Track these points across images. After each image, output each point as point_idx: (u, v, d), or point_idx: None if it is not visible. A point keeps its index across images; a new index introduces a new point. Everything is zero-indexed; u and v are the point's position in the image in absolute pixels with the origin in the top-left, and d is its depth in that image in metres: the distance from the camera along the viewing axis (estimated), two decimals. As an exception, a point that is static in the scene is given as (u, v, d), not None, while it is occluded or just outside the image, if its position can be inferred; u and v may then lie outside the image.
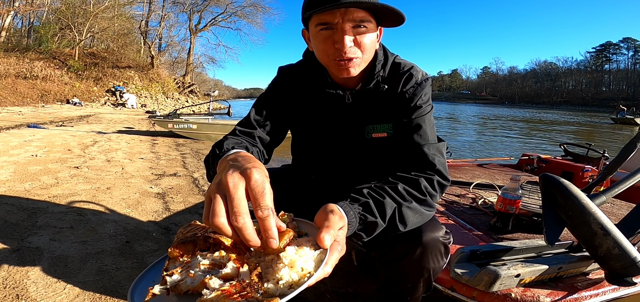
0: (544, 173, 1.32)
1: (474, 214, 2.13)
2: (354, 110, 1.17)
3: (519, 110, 61.97)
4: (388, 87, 1.13)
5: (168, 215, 2.79)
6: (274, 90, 1.25)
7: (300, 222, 0.83)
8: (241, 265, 0.64)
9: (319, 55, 1.05)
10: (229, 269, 0.63)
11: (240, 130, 1.14)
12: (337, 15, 0.94)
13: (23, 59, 20.38)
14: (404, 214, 0.91)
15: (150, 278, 0.73)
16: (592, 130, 20.54)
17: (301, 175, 1.34)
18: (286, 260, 0.64)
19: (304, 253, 0.67)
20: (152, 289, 0.62)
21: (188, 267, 0.66)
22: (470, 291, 1.31)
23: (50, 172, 3.95)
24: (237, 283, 0.59)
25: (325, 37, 0.98)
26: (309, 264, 0.65)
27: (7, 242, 2.08)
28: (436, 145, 1.08)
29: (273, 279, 0.62)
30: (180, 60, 37.44)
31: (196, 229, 0.78)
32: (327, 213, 0.75)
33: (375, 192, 0.91)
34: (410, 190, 0.95)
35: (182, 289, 0.62)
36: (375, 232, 0.88)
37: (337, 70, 1.02)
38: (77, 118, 11.54)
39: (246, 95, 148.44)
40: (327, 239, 0.68)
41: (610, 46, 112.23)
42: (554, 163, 3.76)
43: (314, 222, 0.78)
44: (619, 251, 1.16)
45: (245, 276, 0.62)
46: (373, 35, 1.01)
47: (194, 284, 0.62)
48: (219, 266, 0.65)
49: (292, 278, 0.62)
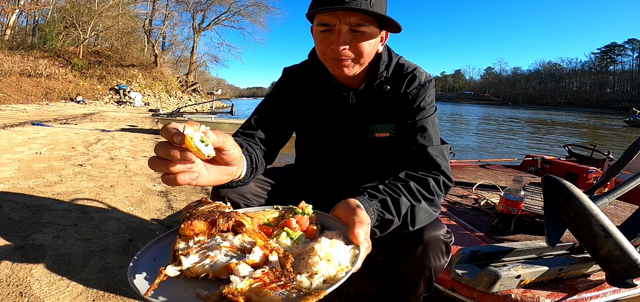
0: (546, 175, 1.32)
1: (476, 215, 2.13)
2: (358, 110, 1.18)
3: (523, 111, 61.68)
4: (391, 87, 1.15)
5: (171, 213, 2.80)
6: (278, 93, 1.27)
7: (320, 214, 0.82)
8: (269, 252, 0.60)
9: (318, 52, 1.10)
10: (257, 256, 0.58)
11: (242, 132, 1.17)
12: (335, 17, 0.98)
13: (27, 57, 20.48)
14: (416, 213, 0.92)
15: (152, 257, 0.67)
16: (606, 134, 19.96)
17: (305, 174, 1.35)
18: (322, 252, 0.61)
19: (338, 247, 0.65)
20: (165, 269, 0.56)
21: (206, 249, 0.60)
22: (471, 292, 1.31)
23: (54, 169, 3.97)
24: (269, 271, 0.55)
25: (324, 37, 1.03)
26: (345, 259, 0.64)
27: (10, 239, 2.09)
28: (440, 147, 1.10)
29: (307, 271, 0.59)
30: (184, 59, 37.69)
31: (210, 206, 0.72)
32: (353, 208, 0.76)
33: (391, 190, 0.93)
34: (421, 189, 0.97)
35: (198, 272, 0.57)
36: (389, 230, 0.89)
37: (332, 69, 1.07)
38: (81, 116, 11.59)
39: (249, 94, 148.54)
40: (361, 234, 0.69)
41: (615, 47, 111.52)
42: (558, 164, 3.75)
43: (337, 216, 0.79)
44: (620, 253, 1.16)
45: (276, 265, 0.58)
46: (373, 39, 1.04)
47: (214, 268, 0.57)
48: (243, 251, 0.60)
49: (329, 272, 0.60)
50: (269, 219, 0.79)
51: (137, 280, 0.59)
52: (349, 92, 1.17)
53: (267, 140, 1.17)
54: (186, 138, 0.60)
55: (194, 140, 0.61)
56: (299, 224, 0.74)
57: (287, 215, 0.79)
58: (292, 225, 0.73)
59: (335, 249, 0.64)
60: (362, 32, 1.01)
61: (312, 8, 1.00)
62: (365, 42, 1.02)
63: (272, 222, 0.78)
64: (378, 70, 1.13)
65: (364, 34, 1.01)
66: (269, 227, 0.75)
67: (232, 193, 1.06)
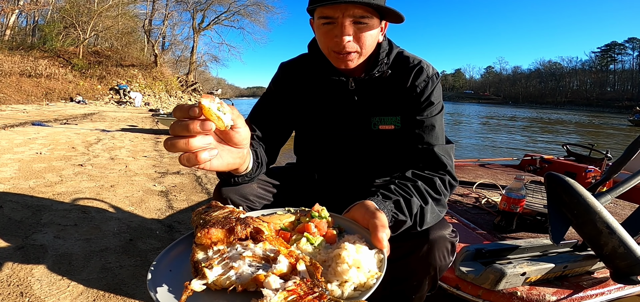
0: (549, 172, 1.31)
1: (477, 214, 2.12)
2: (359, 98, 1.17)
3: (523, 110, 61.68)
4: (395, 78, 1.14)
5: (171, 213, 2.79)
6: (275, 89, 1.25)
7: (336, 217, 0.80)
8: (295, 261, 0.57)
9: (321, 46, 1.09)
10: (284, 266, 0.55)
11: None
12: (337, 10, 0.97)
13: (27, 57, 20.48)
14: (425, 213, 0.92)
15: (167, 267, 0.64)
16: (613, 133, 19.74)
17: (306, 172, 1.33)
18: (350, 259, 0.59)
19: (364, 253, 0.63)
20: (190, 284, 0.53)
21: (228, 259, 0.57)
22: (476, 290, 1.30)
23: (54, 169, 3.97)
24: (301, 282, 0.52)
25: (326, 30, 1.02)
26: (373, 265, 0.62)
27: (11, 239, 2.09)
28: (446, 146, 1.09)
29: (336, 280, 0.57)
30: (184, 58, 37.67)
31: (224, 211, 0.69)
32: (373, 212, 0.76)
33: (402, 190, 0.93)
34: (429, 189, 0.97)
35: (223, 285, 0.54)
36: (401, 230, 0.89)
37: (336, 62, 1.07)
38: (81, 116, 11.59)
39: (249, 93, 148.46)
40: (385, 239, 0.68)
41: (615, 46, 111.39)
42: (557, 163, 3.75)
43: (354, 218, 0.78)
44: (624, 250, 1.15)
45: (305, 275, 0.55)
46: (374, 30, 1.04)
47: (241, 280, 0.54)
48: (267, 260, 0.57)
49: (360, 280, 0.58)
50: (285, 223, 0.77)
51: (160, 294, 0.56)
52: (348, 79, 1.16)
53: (267, 138, 1.16)
54: (204, 108, 0.59)
55: (212, 109, 0.60)
56: (317, 229, 0.72)
57: (303, 219, 0.77)
58: (311, 230, 0.71)
59: (362, 255, 0.62)
60: (365, 24, 1.00)
61: (315, 1, 0.99)
62: (368, 33, 1.02)
63: (288, 227, 0.76)
64: (378, 57, 1.13)
65: (366, 25, 1.01)
66: (286, 232, 0.73)
67: (235, 194, 1.04)
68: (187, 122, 0.60)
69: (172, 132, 0.62)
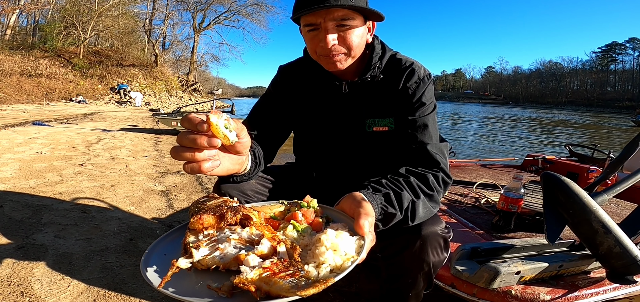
0: (545, 171, 1.32)
1: (476, 213, 2.13)
2: (352, 101, 1.20)
3: (524, 110, 61.60)
4: (388, 81, 1.16)
5: (172, 213, 2.81)
6: (273, 91, 1.29)
7: (325, 208, 0.84)
8: (277, 243, 0.61)
9: (310, 52, 1.13)
10: (265, 248, 0.59)
11: None
12: (319, 16, 1.01)
13: (28, 57, 20.49)
14: (416, 208, 0.94)
15: (162, 251, 0.68)
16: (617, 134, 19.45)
17: (304, 171, 1.35)
18: (328, 243, 0.63)
19: (344, 238, 0.66)
20: (176, 261, 0.57)
21: (215, 242, 0.62)
22: (471, 288, 1.31)
23: (55, 169, 3.98)
24: (278, 261, 0.56)
25: (312, 36, 1.06)
26: (351, 249, 0.65)
27: (12, 239, 2.10)
28: (439, 145, 1.11)
29: (314, 261, 0.60)
30: (184, 58, 37.69)
31: (217, 201, 0.74)
32: (358, 201, 0.78)
33: (393, 184, 0.94)
34: (421, 185, 0.98)
35: (208, 265, 0.58)
36: (391, 223, 0.90)
37: (326, 65, 1.10)
38: (81, 116, 11.60)
39: (249, 93, 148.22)
40: (366, 225, 0.70)
41: (616, 46, 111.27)
42: (559, 164, 3.74)
43: (342, 209, 0.81)
44: (620, 249, 1.16)
45: (284, 255, 0.59)
46: (359, 30, 1.07)
47: (224, 260, 0.58)
48: (251, 243, 0.62)
49: (336, 262, 0.61)
50: (275, 212, 0.81)
51: (150, 272, 0.61)
52: (341, 82, 1.19)
53: (265, 138, 1.18)
54: (212, 125, 0.61)
55: (220, 126, 0.62)
56: (304, 217, 0.76)
57: (293, 209, 0.81)
58: (298, 218, 0.75)
59: (341, 239, 0.65)
60: (348, 26, 1.03)
61: (296, 11, 1.03)
62: (353, 34, 1.05)
63: (278, 216, 0.80)
64: (371, 61, 1.15)
65: (350, 27, 1.04)
66: (275, 220, 0.77)
67: (234, 190, 1.07)
68: (195, 136, 0.62)
69: (180, 142, 0.64)
